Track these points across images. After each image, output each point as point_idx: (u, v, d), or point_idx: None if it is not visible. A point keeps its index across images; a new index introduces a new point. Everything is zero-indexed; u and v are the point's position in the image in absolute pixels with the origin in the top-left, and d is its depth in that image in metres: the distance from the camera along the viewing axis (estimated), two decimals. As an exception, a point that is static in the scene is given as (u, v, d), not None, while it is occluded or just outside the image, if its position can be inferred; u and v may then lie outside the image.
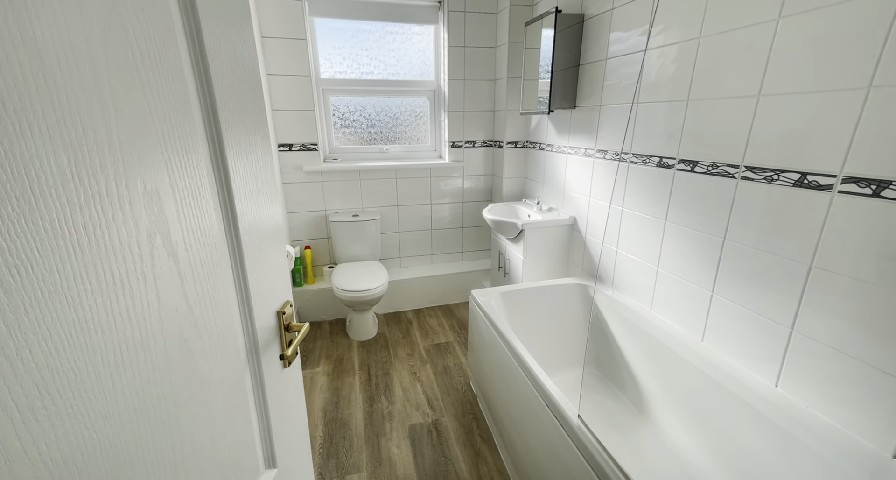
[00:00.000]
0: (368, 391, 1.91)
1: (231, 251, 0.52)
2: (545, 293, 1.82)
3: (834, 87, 0.92)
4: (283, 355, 0.64)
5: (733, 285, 1.20)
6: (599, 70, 1.76)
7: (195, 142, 0.44)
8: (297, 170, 2.42)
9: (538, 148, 2.39)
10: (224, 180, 0.50)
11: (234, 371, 0.52)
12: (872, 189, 0.87)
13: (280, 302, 0.65)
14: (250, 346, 0.56)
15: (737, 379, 1.16)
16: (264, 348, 0.59)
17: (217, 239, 0.48)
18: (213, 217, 0.48)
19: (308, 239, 2.58)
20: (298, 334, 0.66)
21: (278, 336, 0.63)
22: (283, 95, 2.26)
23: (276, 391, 0.63)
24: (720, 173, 1.21)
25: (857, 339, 0.91)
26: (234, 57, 0.52)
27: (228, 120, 0.50)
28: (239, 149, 0.53)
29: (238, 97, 0.52)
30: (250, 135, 0.56)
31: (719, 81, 1.20)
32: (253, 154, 0.57)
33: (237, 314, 0.53)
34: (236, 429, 0.53)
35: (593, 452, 0.92)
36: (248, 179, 0.55)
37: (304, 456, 0.78)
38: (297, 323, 0.68)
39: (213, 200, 0.48)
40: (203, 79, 0.46)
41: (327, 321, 2.56)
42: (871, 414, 0.90)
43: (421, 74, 2.58)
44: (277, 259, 0.64)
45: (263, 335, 0.58)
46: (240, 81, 0.53)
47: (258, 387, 0.58)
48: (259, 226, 0.58)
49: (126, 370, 0.34)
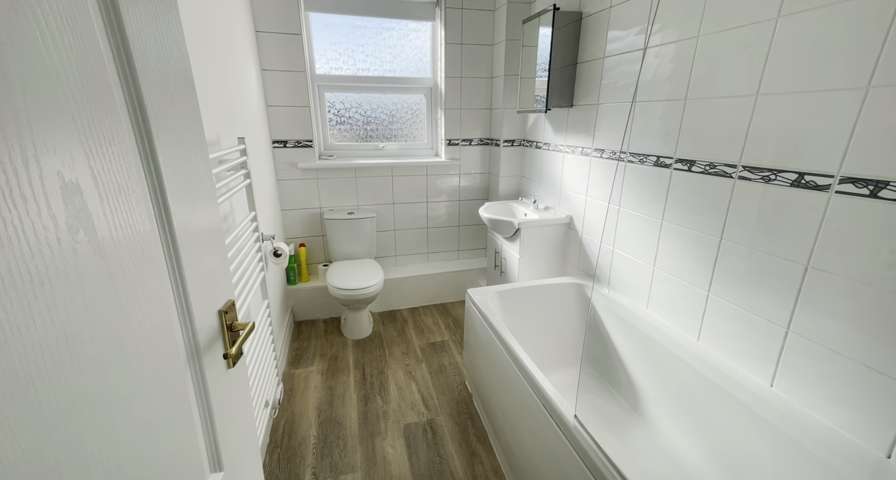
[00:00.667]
0: (363, 390, 1.89)
1: (166, 249, 0.50)
2: (541, 293, 1.81)
3: (832, 87, 0.92)
4: (226, 354, 0.63)
5: (729, 285, 1.20)
6: (597, 68, 1.75)
7: (120, 134, 0.42)
8: (292, 167, 2.39)
9: (535, 146, 2.38)
10: (155, 174, 0.48)
11: (174, 372, 0.51)
12: (870, 190, 0.87)
13: (222, 302, 0.64)
14: (190, 346, 0.55)
15: (732, 379, 1.16)
16: (206, 348, 0.58)
17: (149, 236, 0.47)
18: (145, 213, 0.46)
19: (303, 237, 2.56)
20: (243, 333, 0.65)
21: (221, 336, 0.62)
22: (278, 90, 2.23)
23: (221, 392, 0.62)
24: (717, 173, 1.21)
25: (853, 339, 0.91)
26: (161, 47, 0.50)
27: (157, 113, 0.48)
28: (170, 143, 0.51)
29: (167, 90, 0.51)
30: (183, 130, 0.54)
31: (717, 80, 1.19)
32: (187, 150, 0.55)
33: (175, 313, 0.52)
34: (178, 432, 0.51)
35: (589, 452, 0.92)
36: (182, 175, 0.54)
37: (252, 458, 0.77)
38: (242, 323, 0.67)
39: (143, 195, 0.46)
40: (126, 69, 0.44)
41: (322, 320, 2.54)
42: (866, 414, 0.90)
43: (417, 70, 2.56)
44: (217, 259, 0.63)
45: (205, 335, 0.57)
46: (168, 72, 0.51)
47: (200, 388, 0.57)
48: (196, 224, 0.57)
49: (49, 372, 0.32)
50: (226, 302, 0.65)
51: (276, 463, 1.50)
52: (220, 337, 0.62)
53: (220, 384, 0.62)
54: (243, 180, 1.45)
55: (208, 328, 0.59)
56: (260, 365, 1.41)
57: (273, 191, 2.27)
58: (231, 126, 1.49)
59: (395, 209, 2.66)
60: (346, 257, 2.50)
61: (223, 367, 0.63)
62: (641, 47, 1.49)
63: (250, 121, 1.83)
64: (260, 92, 2.11)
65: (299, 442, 1.59)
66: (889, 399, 0.86)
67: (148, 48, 0.47)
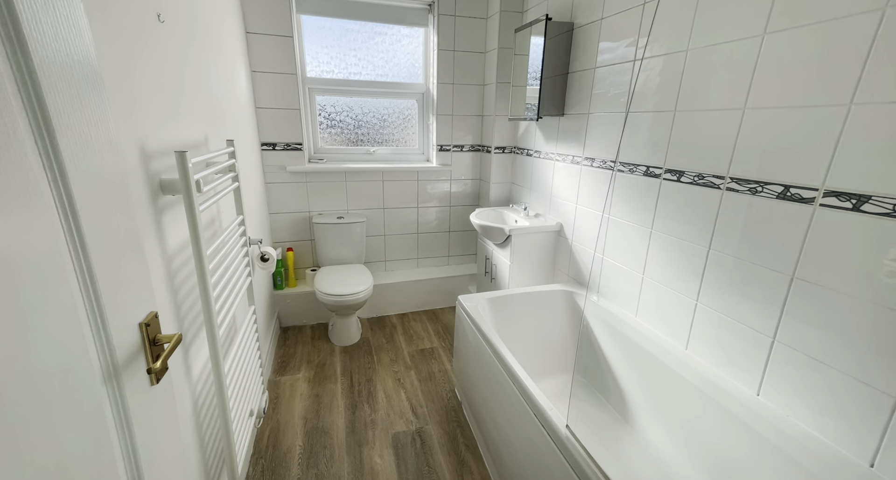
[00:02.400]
0: (351, 398, 1.86)
1: (75, 260, 0.47)
2: (532, 300, 1.81)
3: (816, 103, 0.95)
4: (150, 369, 0.60)
5: (717, 294, 1.22)
6: (588, 79, 1.77)
7: (17, 133, 0.40)
8: (281, 170, 2.36)
9: (526, 154, 2.39)
10: (59, 175, 0.45)
11: (88, 393, 0.48)
12: (852, 203, 0.89)
13: (143, 314, 0.61)
14: (107, 364, 0.52)
15: (719, 388, 1.18)
16: (126, 365, 0.55)
17: (54, 246, 0.44)
18: (48, 220, 0.43)
19: (291, 241, 2.51)
20: (168, 346, 0.62)
21: (143, 351, 0.60)
22: (268, 92, 2.20)
23: (143, 412, 0.59)
24: (706, 184, 1.23)
25: (837, 350, 0.93)
26: (61, 38, 0.46)
27: (60, 110, 0.45)
28: (78, 143, 0.48)
29: (71, 85, 0.47)
30: (91, 128, 0.51)
31: (706, 93, 1.22)
32: (97, 151, 0.52)
33: (87, 329, 0.49)
34: (93, 456, 0.49)
35: (581, 462, 0.91)
36: (92, 177, 0.50)
37: (186, 470, 0.74)
38: (167, 335, 0.64)
39: (46, 198, 0.43)
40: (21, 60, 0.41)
41: (309, 326, 2.49)
42: (849, 424, 0.92)
43: (409, 76, 2.56)
44: (136, 268, 0.60)
45: (123, 351, 0.55)
46: (72, 66, 0.48)
47: (119, 409, 0.54)
48: (110, 231, 0.53)
49: None
50: (147, 314, 0.62)
51: (259, 474, 1.45)
52: (141, 353, 0.59)
53: (142, 403, 0.59)
54: (231, 183, 1.41)
55: (127, 344, 0.56)
56: (245, 373, 1.37)
57: (261, 194, 2.23)
58: (219, 128, 1.46)
59: (385, 214, 2.64)
60: (335, 262, 2.47)
61: (146, 384, 0.60)
62: (632, 59, 1.51)
63: (239, 123, 1.80)
64: (249, 94, 2.07)
65: (284, 452, 1.55)
66: (872, 409, 0.88)
67: (46, 39, 0.43)
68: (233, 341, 1.39)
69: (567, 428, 1.00)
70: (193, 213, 0.94)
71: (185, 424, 0.99)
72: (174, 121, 1.04)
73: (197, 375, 1.09)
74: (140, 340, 0.60)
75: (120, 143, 0.60)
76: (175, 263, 1.00)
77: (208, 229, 1.28)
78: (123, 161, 0.60)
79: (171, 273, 0.97)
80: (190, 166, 0.90)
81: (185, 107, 1.12)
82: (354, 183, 2.52)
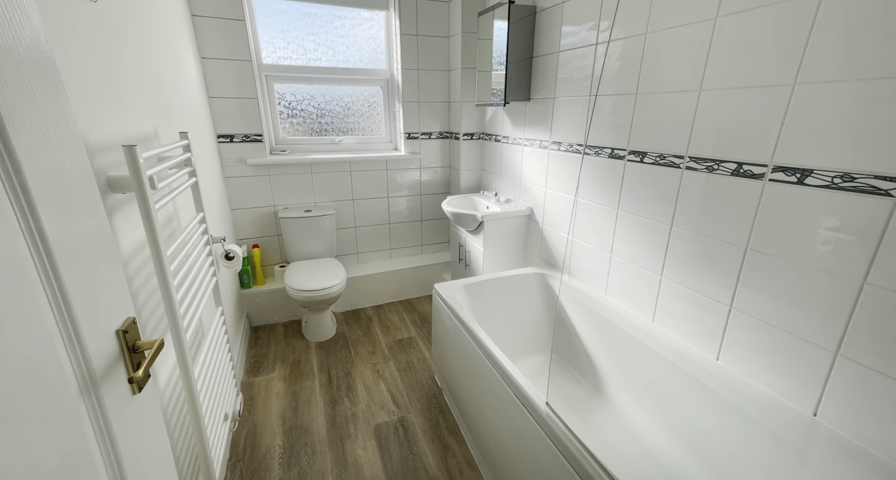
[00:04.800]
0: (330, 393, 1.84)
1: (39, 266, 0.44)
2: (506, 284, 1.85)
3: (764, 83, 1.00)
4: (131, 378, 0.58)
5: (679, 269, 1.29)
6: (552, 63, 1.79)
7: None
8: (241, 163, 2.24)
9: (494, 140, 2.40)
10: (13, 172, 0.41)
11: (64, 409, 0.46)
12: (797, 177, 0.96)
13: (120, 320, 0.58)
14: (83, 376, 0.49)
15: (683, 356, 1.25)
16: (104, 376, 0.52)
17: (12, 249, 0.40)
18: (6, 227, 0.40)
19: (256, 237, 2.41)
20: (149, 353, 0.60)
21: (122, 360, 0.57)
22: (221, 81, 2.07)
23: (127, 424, 0.57)
24: (667, 164, 1.28)
25: (786, 313, 1.01)
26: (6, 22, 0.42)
27: (10, 101, 0.41)
28: (33, 138, 0.44)
29: (20, 75, 0.43)
30: (48, 120, 0.47)
31: (665, 75, 1.26)
32: (55, 144, 0.48)
33: (58, 339, 0.46)
34: (75, 473, 0.47)
35: (562, 437, 0.95)
36: (52, 173, 0.47)
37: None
38: (148, 341, 0.62)
39: (2, 205, 0.39)
40: None
41: (281, 324, 2.43)
42: (796, 379, 1.01)
43: (373, 62, 2.49)
44: (108, 271, 0.57)
45: (101, 361, 0.52)
46: (18, 52, 0.43)
47: (100, 423, 0.52)
48: (77, 233, 0.50)
49: None
50: (125, 320, 0.59)
51: (238, 478, 1.41)
52: (120, 361, 0.56)
53: (124, 413, 0.56)
54: (188, 178, 1.33)
55: (105, 353, 0.53)
56: (216, 376, 1.32)
57: (220, 189, 2.11)
58: (170, 120, 1.36)
59: (354, 205, 2.59)
60: (305, 256, 2.40)
61: (127, 395, 0.58)
62: (594, 43, 1.54)
63: (191, 114, 1.68)
64: (201, 82, 1.94)
65: (263, 453, 1.51)
66: (814, 364, 0.96)
67: None
68: (201, 344, 1.33)
69: (547, 405, 1.04)
70: (149, 212, 0.87)
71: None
72: (118, 112, 0.96)
73: (165, 381, 1.04)
74: (118, 348, 0.57)
75: (97, 138, 0.54)
76: (131, 266, 0.94)
77: (166, 228, 1.20)
78: (87, 157, 0.55)
79: (128, 278, 0.90)
80: (141, 162, 0.84)
81: (129, 97, 1.04)
82: (320, 174, 2.44)
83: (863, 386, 0.88)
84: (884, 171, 0.81)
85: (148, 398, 0.65)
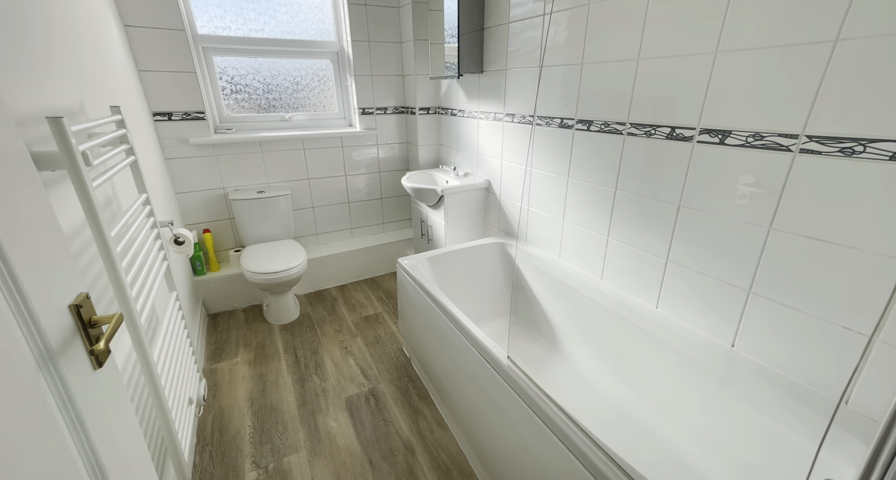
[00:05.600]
0: (298, 372, 1.84)
1: None
2: (468, 255, 1.91)
3: (692, 52, 1.09)
4: (92, 350, 0.58)
5: (623, 229, 1.40)
6: (503, 34, 1.81)
7: None
8: (183, 143, 2.10)
9: (450, 114, 2.41)
10: None
11: (23, 377, 0.46)
12: (719, 138, 1.06)
13: (72, 295, 0.58)
14: (39, 349, 0.50)
15: (627, 307, 1.38)
16: (62, 349, 0.53)
17: None
18: None
19: (206, 222, 2.30)
20: (108, 327, 0.60)
21: (79, 334, 0.58)
22: (151, 52, 1.90)
23: (91, 397, 0.57)
24: (611, 131, 1.36)
25: (711, 261, 1.14)
26: None
27: None
28: None
29: None
30: None
31: (607, 45, 1.32)
32: None
33: (8, 313, 0.46)
34: (43, 446, 0.48)
35: (523, 386, 1.03)
36: None
37: (142, 461, 0.74)
38: (105, 316, 0.62)
39: None
40: None
41: (241, 309, 2.36)
42: (718, 317, 1.15)
43: (320, 33, 2.38)
44: (54, 246, 0.57)
45: (56, 335, 0.52)
46: None
47: (62, 394, 0.52)
48: (15, 206, 0.49)
49: None
50: (77, 296, 0.58)
51: (208, 460, 1.41)
52: (77, 335, 0.56)
53: (88, 387, 0.57)
54: (125, 156, 1.24)
55: (60, 328, 0.53)
56: (176, 362, 1.28)
57: (162, 171, 1.98)
58: (97, 93, 1.25)
59: (310, 185, 2.52)
60: (261, 239, 2.32)
61: (88, 368, 0.58)
62: (541, 13, 1.57)
63: (120, 88, 1.55)
64: (127, 53, 1.78)
65: (233, 435, 1.51)
66: (732, 302, 1.11)
67: None
68: (157, 330, 1.28)
69: (509, 359, 1.12)
70: (86, 190, 0.82)
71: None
72: (32, 82, 0.87)
73: (122, 365, 1.00)
74: (73, 322, 0.56)
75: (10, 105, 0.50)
76: (73, 246, 0.88)
77: (106, 209, 1.13)
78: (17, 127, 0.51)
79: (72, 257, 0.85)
80: (71, 135, 0.78)
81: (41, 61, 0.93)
82: (272, 153, 2.34)
83: (770, 317, 1.03)
84: (785, 129, 0.92)
85: (110, 373, 0.64)
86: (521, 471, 1.07)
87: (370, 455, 1.41)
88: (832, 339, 0.92)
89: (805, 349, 0.98)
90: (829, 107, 0.85)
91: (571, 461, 0.86)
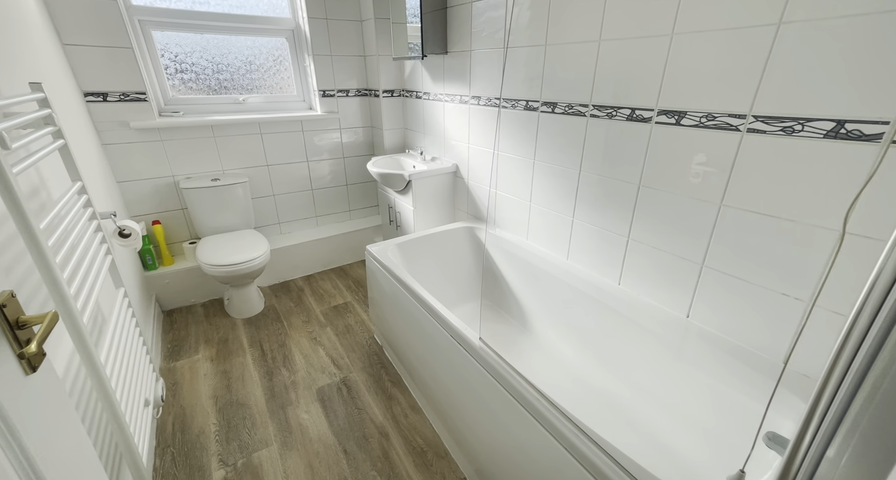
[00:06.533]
0: (265, 366, 1.78)
1: None
2: (437, 240, 1.90)
3: (650, 33, 1.11)
4: (21, 354, 0.53)
5: (587, 210, 1.43)
6: (466, 14, 1.77)
7: None
8: (123, 127, 1.92)
9: (415, 96, 2.35)
10: None
11: None
12: (676, 119, 1.10)
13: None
14: None
15: (592, 284, 1.43)
16: None
17: None
18: None
19: (156, 213, 2.14)
20: (39, 328, 0.55)
21: (4, 337, 0.52)
22: (77, 23, 1.70)
23: (23, 405, 0.53)
24: (574, 113, 1.38)
25: (667, 237, 1.20)
26: None
27: None
28: None
29: None
30: None
31: (569, 27, 1.32)
32: None
33: None
34: None
35: (495, 366, 1.05)
36: None
37: (93, 469, 0.70)
38: (36, 315, 0.57)
39: None
40: None
41: (199, 304, 2.24)
42: (675, 290, 1.22)
43: (273, 9, 2.23)
44: None
45: None
46: None
47: None
48: None
49: None
50: (0, 294, 0.52)
51: (170, 462, 1.34)
52: (2, 338, 0.51)
53: (21, 395, 0.51)
54: (52, 140, 1.12)
55: None
56: (128, 362, 1.20)
57: (100, 158, 1.81)
58: (11, 67, 1.11)
59: (270, 171, 2.40)
60: (219, 230, 2.20)
61: (18, 374, 0.52)
62: (505, -7, 1.54)
63: (41, 64, 1.38)
64: (46, 22, 1.58)
65: (196, 434, 1.44)
66: (687, 275, 1.17)
67: None
68: (103, 330, 1.19)
69: (480, 340, 1.13)
70: (5, 177, 0.72)
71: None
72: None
73: (63, 370, 0.92)
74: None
75: None
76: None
77: (32, 200, 1.01)
78: None
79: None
80: (-21, 111, 0.68)
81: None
82: (225, 138, 2.20)
83: (720, 288, 1.10)
84: (734, 110, 0.97)
85: (46, 378, 0.58)
86: (495, 447, 1.09)
87: (344, 444, 1.40)
88: (772, 305, 1.00)
89: (749, 316, 1.05)
90: (774, 88, 0.90)
91: (544, 435, 0.89)
